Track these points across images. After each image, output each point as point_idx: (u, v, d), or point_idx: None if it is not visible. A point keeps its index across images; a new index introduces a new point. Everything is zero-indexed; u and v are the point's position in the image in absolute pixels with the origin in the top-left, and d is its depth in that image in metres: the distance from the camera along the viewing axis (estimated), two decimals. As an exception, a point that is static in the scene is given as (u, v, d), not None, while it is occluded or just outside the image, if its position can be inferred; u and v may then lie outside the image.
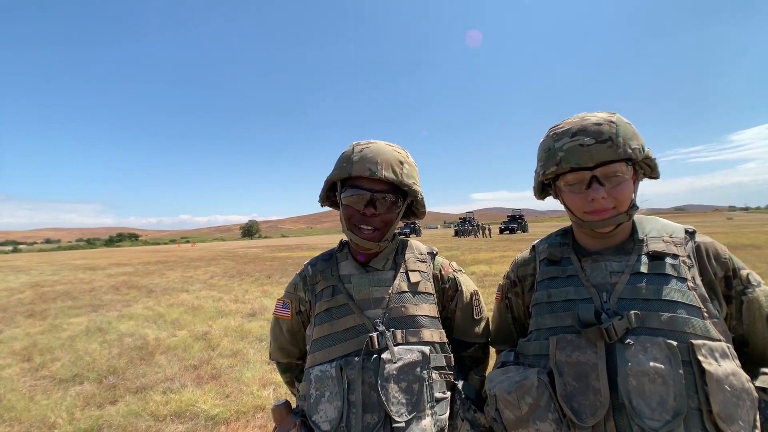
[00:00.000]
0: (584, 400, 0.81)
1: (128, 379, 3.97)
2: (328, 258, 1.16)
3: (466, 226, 41.96)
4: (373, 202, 1.02)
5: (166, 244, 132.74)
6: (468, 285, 1.18)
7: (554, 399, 0.84)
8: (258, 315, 6.55)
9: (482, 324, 1.20)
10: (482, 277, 9.29)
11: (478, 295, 1.20)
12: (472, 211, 53.61)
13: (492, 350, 1.24)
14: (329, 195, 1.14)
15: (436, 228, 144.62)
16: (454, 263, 1.21)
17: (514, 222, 43.03)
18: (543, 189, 1.04)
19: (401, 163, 1.04)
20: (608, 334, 0.80)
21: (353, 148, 1.05)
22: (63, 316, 7.21)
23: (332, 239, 53.75)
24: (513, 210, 46.67)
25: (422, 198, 1.11)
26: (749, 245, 13.49)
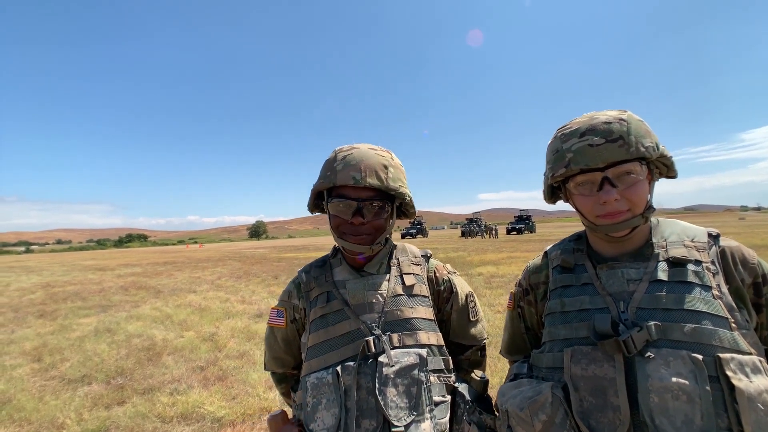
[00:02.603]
0: (602, 418, 0.77)
1: (136, 380, 3.99)
2: (322, 264, 1.15)
3: (472, 226, 41.73)
4: (360, 211, 1.00)
5: (174, 244, 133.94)
6: (463, 287, 1.17)
7: (570, 416, 0.79)
8: (265, 316, 6.56)
9: (478, 326, 1.17)
10: (489, 278, 9.22)
11: (473, 296, 1.18)
12: (479, 212, 53.31)
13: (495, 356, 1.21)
14: (317, 203, 1.13)
15: (443, 229, 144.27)
16: (448, 265, 1.19)
17: (522, 222, 42.74)
18: (553, 192, 0.99)
19: (385, 167, 1.02)
20: (626, 346, 0.76)
21: (336, 155, 1.03)
22: (73, 317, 7.31)
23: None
24: (520, 210, 46.32)
25: (411, 199, 1.10)
26: (763, 246, 13.24)
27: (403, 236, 44.79)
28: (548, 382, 0.84)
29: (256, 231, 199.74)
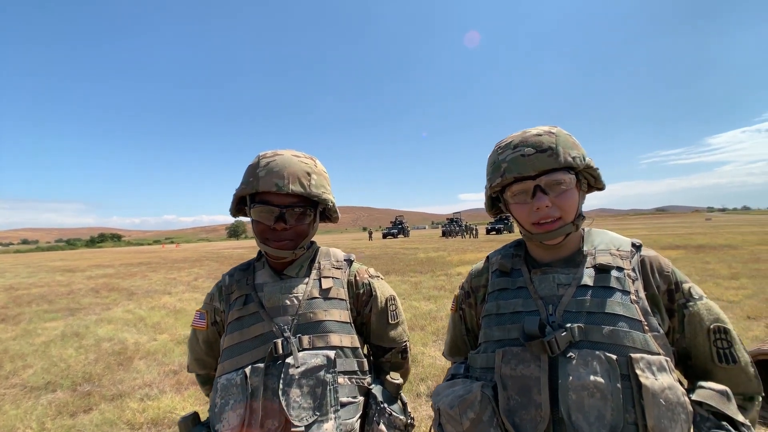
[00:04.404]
0: (526, 415, 0.81)
1: (104, 386, 3.86)
2: (246, 268, 1.18)
3: (453, 226, 42.20)
4: (282, 217, 1.03)
5: (149, 244, 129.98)
6: (384, 290, 1.19)
7: (497, 413, 0.83)
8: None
9: (399, 329, 1.20)
10: (468, 277, 9.32)
11: (394, 300, 1.21)
12: (459, 212, 53.92)
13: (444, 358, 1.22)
14: (240, 207, 1.14)
15: (424, 228, 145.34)
16: (371, 269, 1.22)
17: (501, 223, 43.44)
18: (493, 204, 1.05)
19: (308, 174, 1.05)
20: (551, 347, 0.80)
21: (259, 161, 1.05)
22: (38, 321, 6.99)
23: (321, 239, 53.33)
24: (500, 211, 46.77)
25: (334, 204, 1.13)
26: (726, 245, 13.90)
27: (385, 236, 44.85)
28: (479, 382, 0.89)
29: (235, 231, 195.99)
